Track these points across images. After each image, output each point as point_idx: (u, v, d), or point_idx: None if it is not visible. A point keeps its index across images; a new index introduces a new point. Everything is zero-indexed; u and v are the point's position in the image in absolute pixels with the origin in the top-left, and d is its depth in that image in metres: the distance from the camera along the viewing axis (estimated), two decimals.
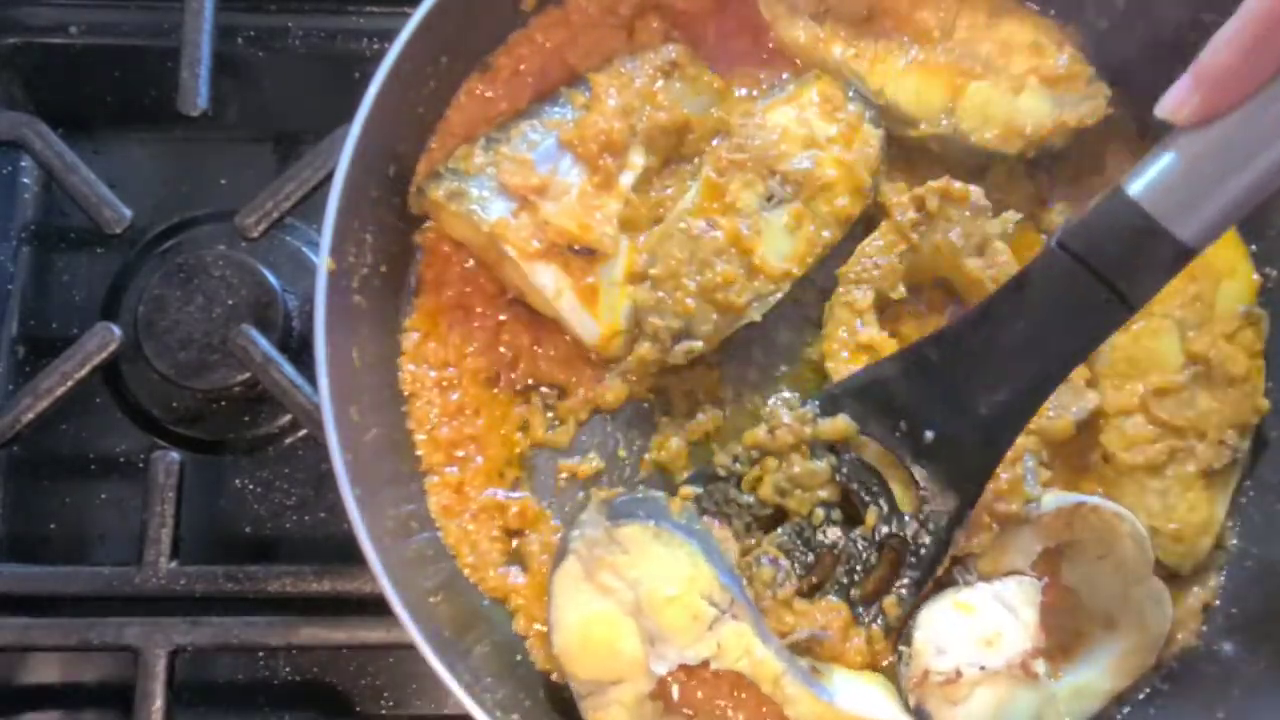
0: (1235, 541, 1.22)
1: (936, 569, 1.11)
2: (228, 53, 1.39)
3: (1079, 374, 1.19)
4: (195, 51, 1.33)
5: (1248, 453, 1.20)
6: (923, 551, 1.10)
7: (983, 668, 1.10)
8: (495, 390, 1.23)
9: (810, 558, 1.13)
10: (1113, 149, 1.29)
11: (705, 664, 1.05)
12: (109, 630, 1.22)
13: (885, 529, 1.12)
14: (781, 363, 1.25)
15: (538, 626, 1.17)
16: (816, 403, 1.14)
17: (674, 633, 1.04)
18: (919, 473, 1.09)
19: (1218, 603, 1.21)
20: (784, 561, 1.13)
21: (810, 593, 1.13)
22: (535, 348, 1.23)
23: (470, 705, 1.02)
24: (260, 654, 1.32)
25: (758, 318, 1.18)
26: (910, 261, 1.19)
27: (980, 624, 1.11)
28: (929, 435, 1.07)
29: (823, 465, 1.12)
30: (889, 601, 1.11)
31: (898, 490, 1.12)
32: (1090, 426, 1.19)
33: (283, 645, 1.26)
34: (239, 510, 1.36)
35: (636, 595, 1.04)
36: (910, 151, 1.25)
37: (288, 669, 1.33)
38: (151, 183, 1.43)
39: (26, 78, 1.43)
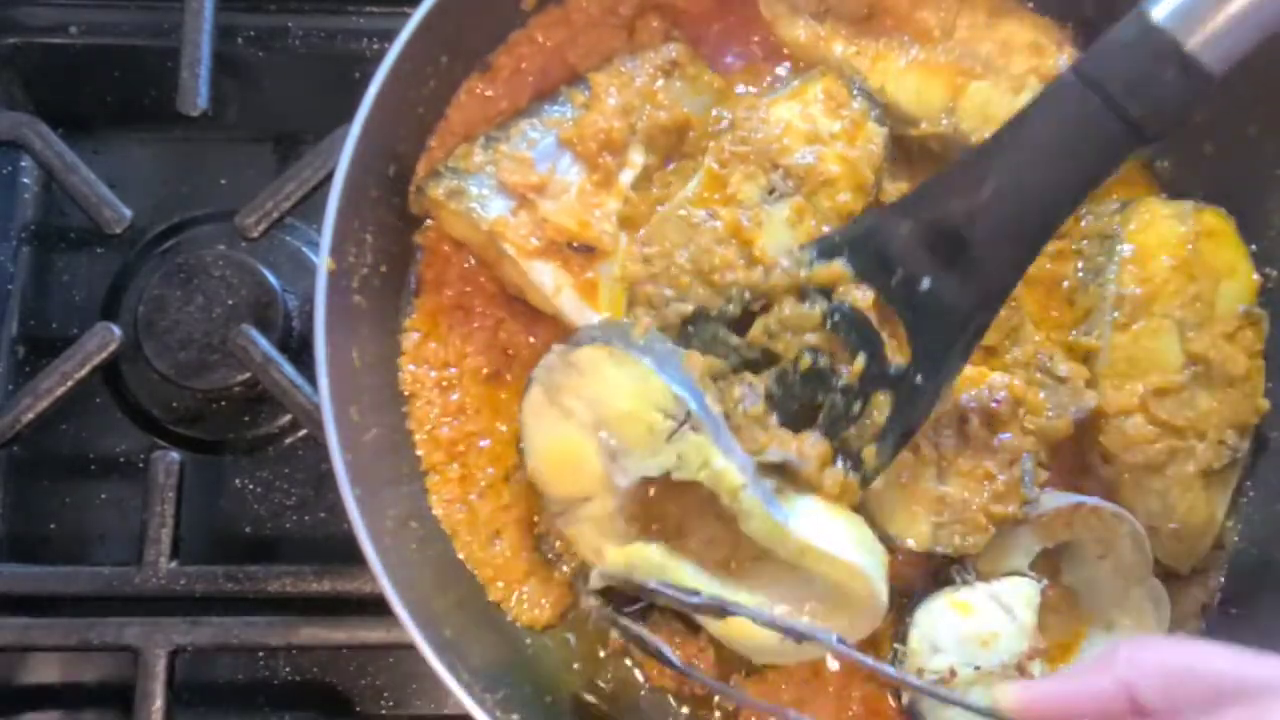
0: (1235, 541, 1.22)
1: (921, 423, 1.07)
2: (228, 53, 1.39)
3: (1078, 374, 1.19)
4: (195, 51, 1.33)
5: (1248, 453, 1.20)
6: (911, 404, 1.06)
7: (978, 668, 1.10)
8: (496, 389, 1.23)
9: (794, 405, 1.10)
10: None
11: (669, 478, 1.04)
12: (109, 630, 1.22)
13: (873, 379, 1.07)
14: None
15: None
16: (814, 248, 1.11)
17: (631, 446, 1.04)
18: (912, 321, 1.05)
19: (1217, 603, 1.21)
20: (755, 385, 1.11)
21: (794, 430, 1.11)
22: (535, 345, 1.23)
23: (470, 705, 1.02)
24: (260, 654, 1.32)
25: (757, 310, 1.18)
26: None
27: (977, 624, 1.11)
28: (926, 283, 1.02)
29: (814, 310, 1.09)
30: (869, 451, 1.07)
31: (891, 343, 1.07)
32: (1090, 426, 1.19)
33: (283, 645, 1.26)
34: (239, 510, 1.36)
35: (595, 414, 1.06)
36: (910, 151, 1.25)
37: (288, 669, 1.33)
38: (151, 183, 1.43)
39: (26, 78, 1.43)
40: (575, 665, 1.19)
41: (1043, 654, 1.13)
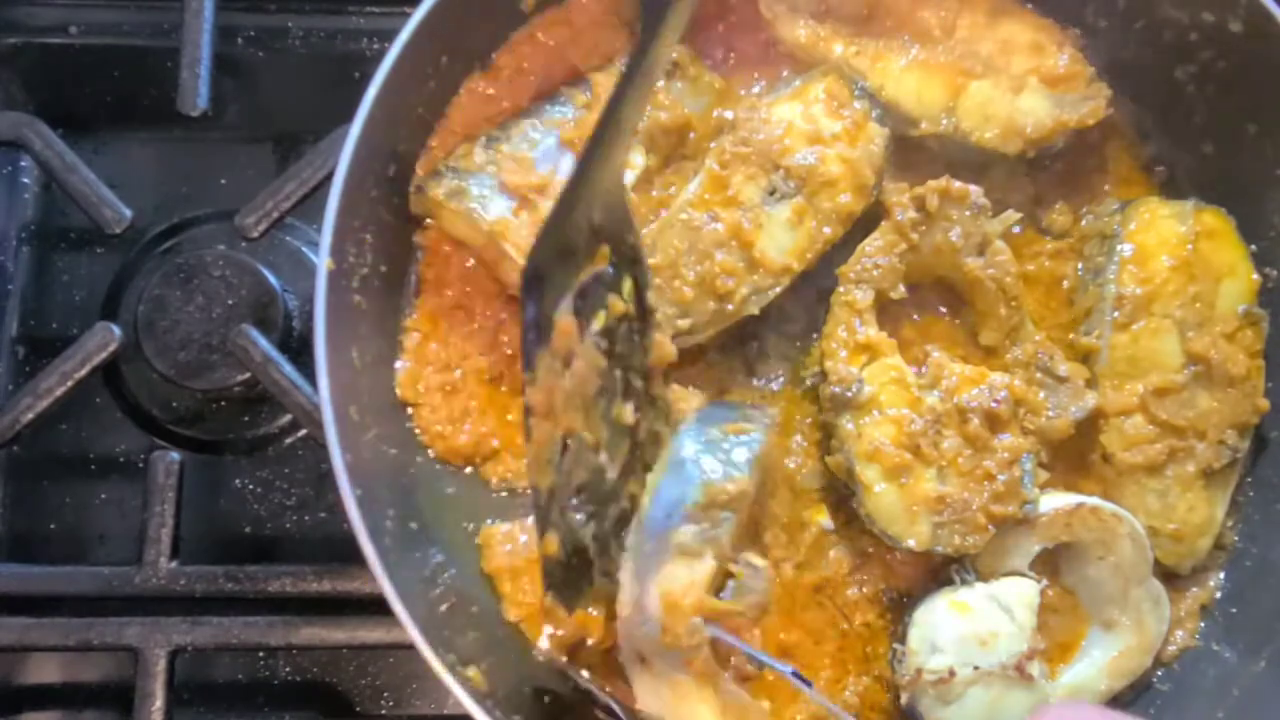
0: (1235, 541, 1.22)
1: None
2: (228, 53, 1.39)
3: (1078, 374, 1.19)
4: (195, 51, 1.33)
5: (1247, 452, 1.20)
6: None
7: (976, 668, 1.10)
8: (498, 389, 1.23)
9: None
10: (1112, 149, 1.30)
11: None
12: (109, 630, 1.23)
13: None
14: (781, 363, 1.25)
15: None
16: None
17: None
18: None
19: (1217, 603, 1.21)
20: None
21: None
22: None
23: (470, 705, 1.02)
24: (260, 654, 1.32)
25: (756, 311, 1.18)
26: (910, 261, 1.19)
27: (976, 624, 1.12)
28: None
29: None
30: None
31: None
32: (1090, 426, 1.19)
33: (283, 645, 1.26)
34: (239, 510, 1.36)
35: None
36: (910, 150, 1.25)
37: (288, 669, 1.33)
38: (151, 183, 1.43)
39: (26, 78, 1.43)
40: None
41: (1042, 654, 1.13)
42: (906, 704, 1.13)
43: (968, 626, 1.12)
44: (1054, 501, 1.15)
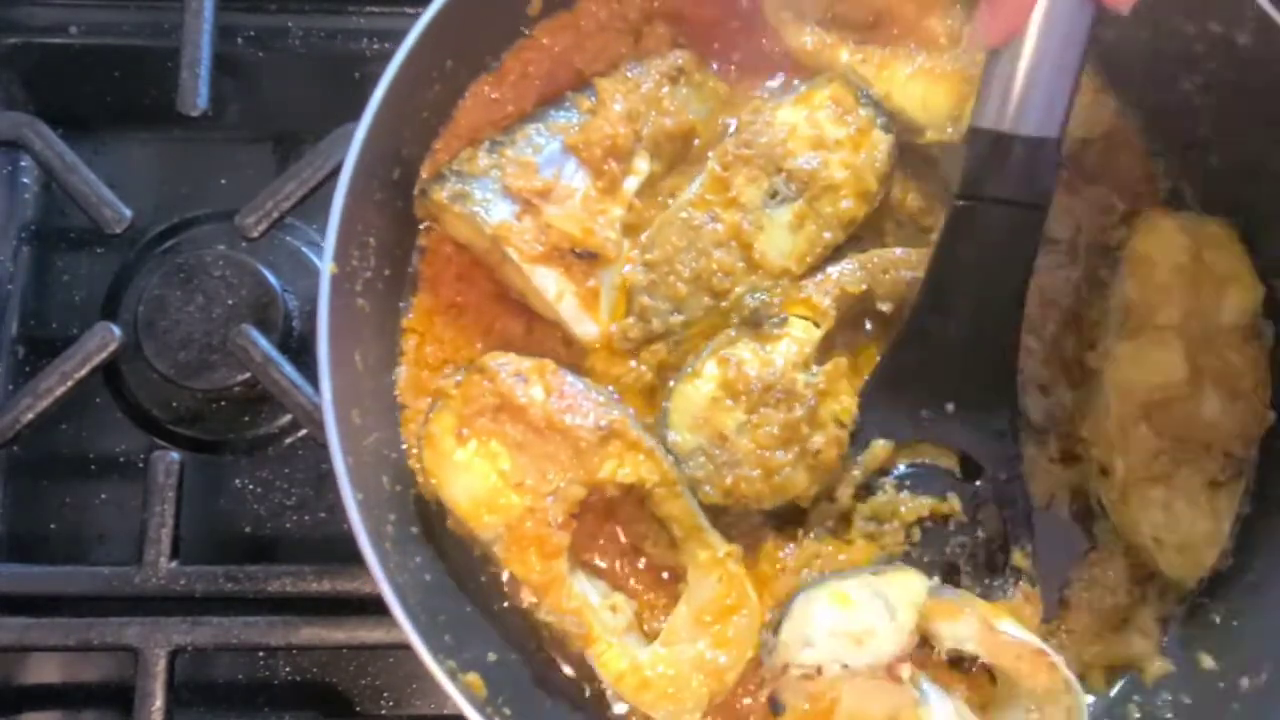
0: (1239, 555, 1.22)
1: (1030, 501, 1.19)
2: (228, 53, 1.39)
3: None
4: (195, 51, 1.33)
5: (1253, 464, 1.20)
6: (1011, 499, 1.18)
7: (845, 665, 1.05)
8: None
9: (932, 566, 1.18)
10: (1117, 160, 1.29)
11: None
12: (109, 630, 1.23)
13: (969, 505, 1.18)
14: None
15: None
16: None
17: None
18: (963, 440, 1.18)
19: (1218, 617, 1.21)
20: None
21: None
22: (529, 336, 1.22)
23: (468, 710, 1.02)
24: (260, 654, 1.32)
25: (749, 311, 1.18)
26: None
27: (854, 619, 1.07)
28: (950, 408, 1.16)
29: (887, 495, 1.18)
30: (1017, 557, 1.17)
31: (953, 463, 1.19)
32: (1092, 437, 1.19)
33: (283, 645, 1.27)
34: (239, 510, 1.36)
35: None
36: (917, 158, 1.25)
37: (288, 669, 1.33)
38: (151, 183, 1.43)
39: (26, 78, 1.43)
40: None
41: (910, 658, 1.07)
42: (770, 696, 1.09)
43: (844, 621, 1.07)
44: (1019, 632, 1.09)
